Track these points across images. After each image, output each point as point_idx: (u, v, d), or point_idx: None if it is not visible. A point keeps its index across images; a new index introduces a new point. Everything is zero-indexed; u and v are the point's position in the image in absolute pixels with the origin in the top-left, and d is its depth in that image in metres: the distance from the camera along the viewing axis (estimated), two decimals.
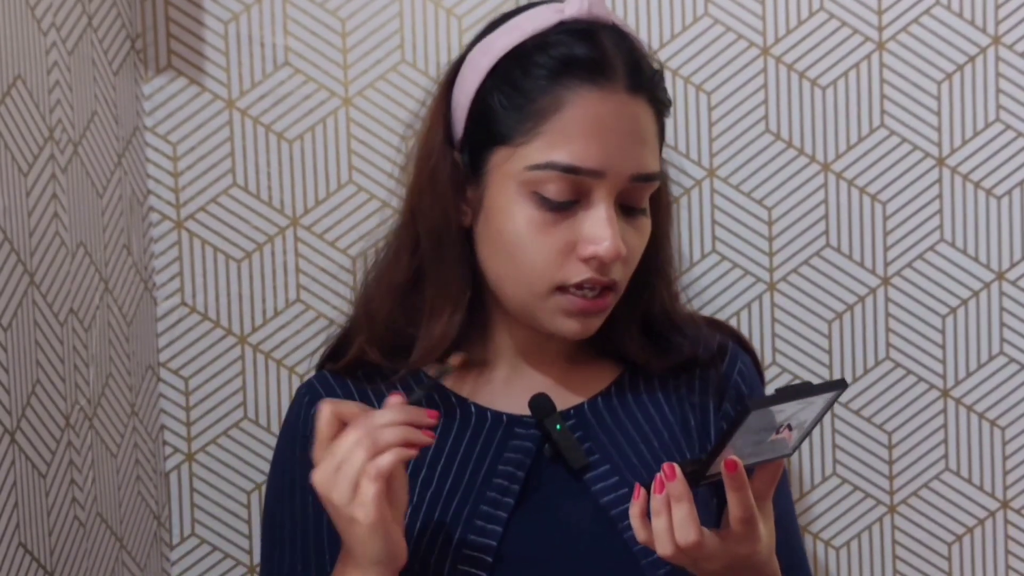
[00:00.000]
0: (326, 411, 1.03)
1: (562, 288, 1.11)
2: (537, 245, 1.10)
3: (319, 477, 1.02)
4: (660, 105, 1.15)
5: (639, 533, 1.02)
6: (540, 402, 1.15)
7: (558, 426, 1.13)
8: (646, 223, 1.15)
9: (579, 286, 1.11)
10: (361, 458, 1.00)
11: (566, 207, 1.10)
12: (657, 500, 1.00)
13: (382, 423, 1.01)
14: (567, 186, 1.09)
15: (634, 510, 1.03)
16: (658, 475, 1.01)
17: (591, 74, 1.10)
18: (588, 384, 1.22)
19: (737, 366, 1.25)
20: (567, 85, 1.09)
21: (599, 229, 1.09)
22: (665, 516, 1.00)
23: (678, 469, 1.00)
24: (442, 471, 1.16)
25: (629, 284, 1.18)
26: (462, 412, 1.19)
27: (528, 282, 1.12)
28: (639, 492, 1.02)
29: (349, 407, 1.04)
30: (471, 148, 1.15)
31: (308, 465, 1.16)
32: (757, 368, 1.29)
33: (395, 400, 1.04)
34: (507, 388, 1.20)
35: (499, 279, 1.14)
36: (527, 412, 1.17)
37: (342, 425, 1.03)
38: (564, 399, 1.19)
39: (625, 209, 1.12)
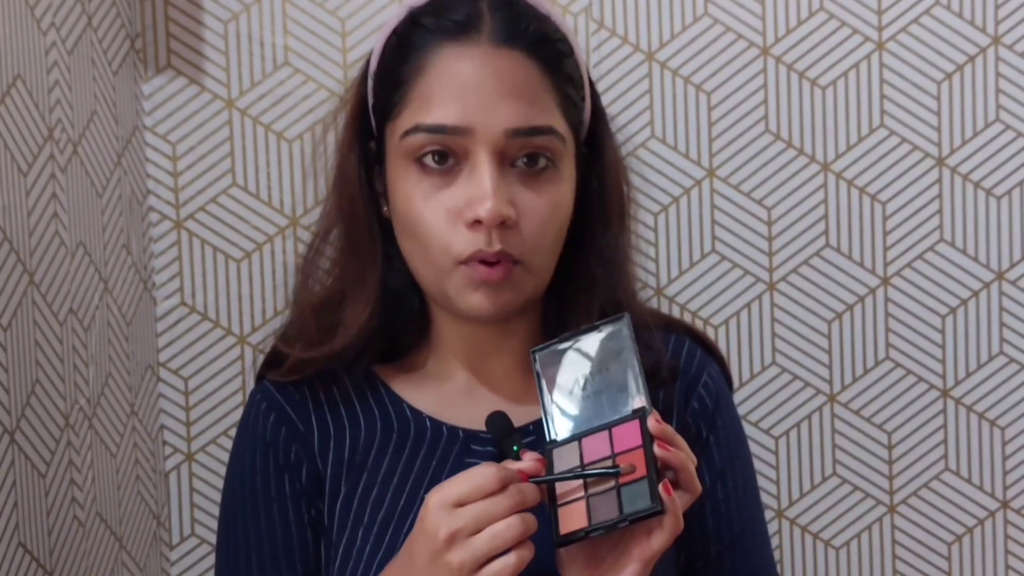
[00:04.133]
0: (498, 475, 0.97)
1: (463, 263, 1.07)
2: (427, 214, 1.07)
3: (450, 520, 0.96)
4: (548, 56, 1.09)
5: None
6: (497, 421, 1.07)
7: (516, 448, 1.05)
8: (554, 188, 1.09)
9: (473, 259, 1.06)
10: (509, 539, 0.95)
11: (447, 172, 1.06)
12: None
13: (531, 500, 0.97)
14: (441, 148, 1.06)
15: None
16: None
17: (453, 33, 1.07)
18: None
19: (703, 379, 1.19)
20: (430, 49, 1.07)
21: (478, 188, 1.04)
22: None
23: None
24: (394, 491, 1.12)
25: (578, 279, 1.13)
26: (416, 426, 1.15)
27: (431, 258, 1.08)
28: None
29: (510, 473, 0.98)
30: (379, 136, 1.13)
31: (273, 473, 1.15)
32: (725, 375, 1.23)
33: (538, 467, 1.00)
34: (464, 400, 1.16)
35: (413, 265, 1.11)
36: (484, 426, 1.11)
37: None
38: (523, 412, 1.14)
39: (521, 170, 1.07)
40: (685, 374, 1.18)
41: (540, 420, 1.12)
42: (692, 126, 1.42)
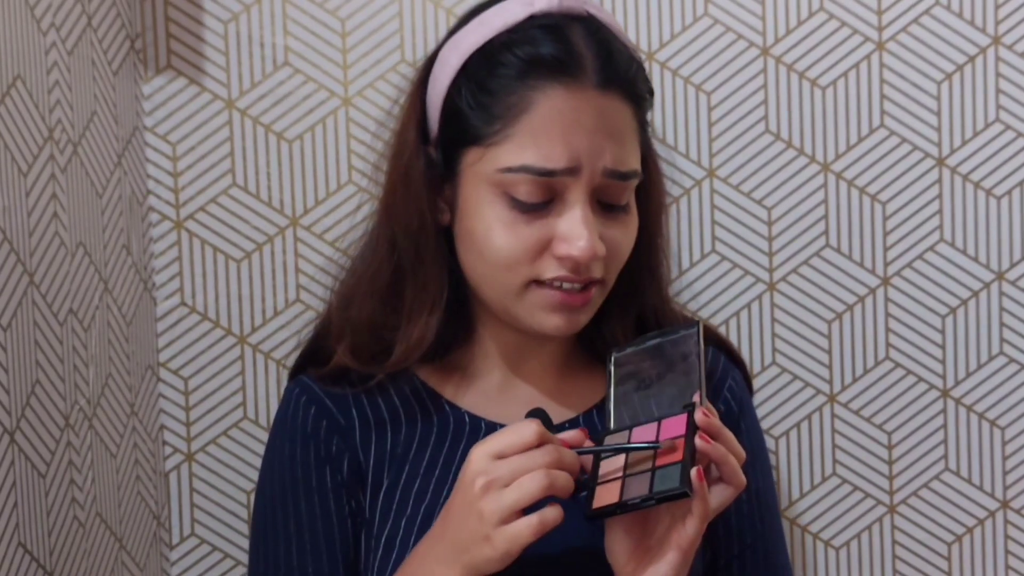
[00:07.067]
0: (539, 431, 1.00)
1: (538, 282, 1.09)
2: (509, 244, 1.08)
3: (488, 469, 0.98)
4: (638, 99, 1.12)
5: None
6: (536, 417, 1.09)
7: None
8: (630, 220, 1.13)
9: (554, 281, 1.09)
10: (532, 491, 0.97)
11: (539, 208, 1.08)
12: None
13: (568, 461, 1.00)
14: (540, 187, 1.07)
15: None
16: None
17: (558, 72, 1.07)
18: (584, 394, 1.20)
19: (727, 383, 1.22)
20: (534, 85, 1.07)
21: (574, 228, 1.07)
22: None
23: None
24: (436, 483, 1.14)
25: (620, 284, 1.16)
26: (455, 420, 1.17)
27: (501, 280, 1.10)
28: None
29: (551, 435, 1.01)
30: (444, 146, 1.13)
31: (314, 464, 1.16)
32: (747, 381, 1.27)
33: (581, 438, 1.03)
34: (501, 396, 1.18)
35: (475, 278, 1.13)
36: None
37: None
38: (560, 410, 1.17)
39: (604, 206, 1.10)
40: (710, 379, 1.20)
41: (575, 419, 1.17)
42: (692, 126, 1.42)
